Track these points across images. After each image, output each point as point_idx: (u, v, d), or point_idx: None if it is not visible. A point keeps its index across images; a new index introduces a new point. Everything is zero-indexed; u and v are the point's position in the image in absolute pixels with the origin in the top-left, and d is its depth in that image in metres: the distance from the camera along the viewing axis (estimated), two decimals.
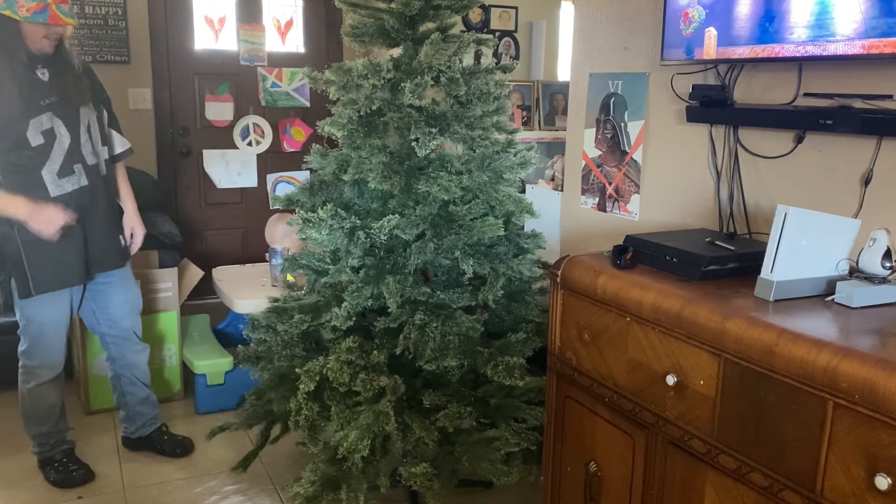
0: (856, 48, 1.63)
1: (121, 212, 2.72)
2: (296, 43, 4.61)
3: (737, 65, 2.04)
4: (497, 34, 4.46)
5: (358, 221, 2.24)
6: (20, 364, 2.62)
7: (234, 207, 4.66)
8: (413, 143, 2.15)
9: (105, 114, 2.64)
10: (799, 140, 1.90)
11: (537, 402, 2.22)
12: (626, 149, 2.48)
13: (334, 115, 2.29)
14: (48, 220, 2.39)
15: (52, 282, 2.49)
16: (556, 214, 2.90)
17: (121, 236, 2.69)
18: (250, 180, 4.53)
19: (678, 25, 2.07)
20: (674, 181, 2.33)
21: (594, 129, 2.61)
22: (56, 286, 2.50)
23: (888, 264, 1.52)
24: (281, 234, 3.46)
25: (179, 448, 2.90)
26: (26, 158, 2.37)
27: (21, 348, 2.60)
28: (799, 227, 1.53)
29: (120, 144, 2.71)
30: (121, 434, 2.95)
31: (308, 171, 2.49)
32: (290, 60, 4.51)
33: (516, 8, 4.52)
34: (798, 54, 1.75)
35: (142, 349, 2.86)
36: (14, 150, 2.35)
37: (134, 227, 2.75)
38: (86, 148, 2.50)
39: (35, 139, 2.37)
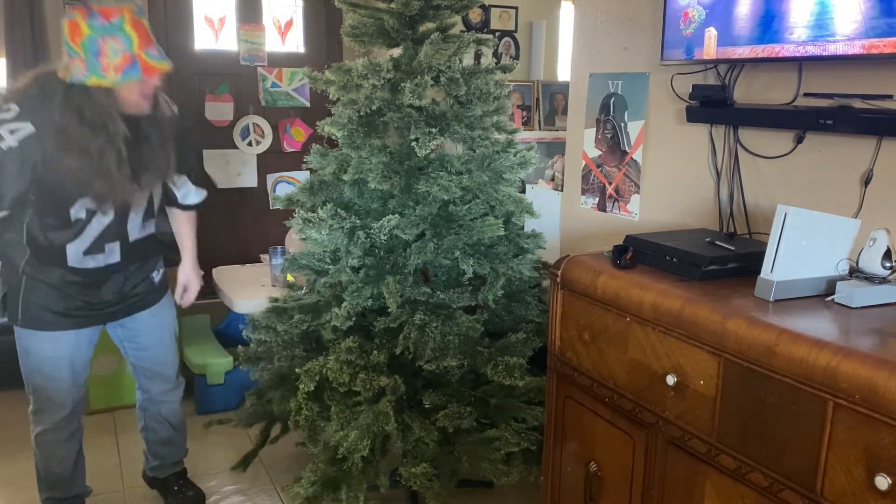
0: (856, 48, 1.63)
1: (161, 258, 2.41)
2: (296, 43, 4.61)
3: (737, 65, 2.03)
4: (497, 34, 4.45)
5: (358, 221, 2.24)
6: (29, 405, 2.30)
7: (234, 207, 4.66)
8: (413, 143, 2.16)
9: (185, 178, 2.34)
10: (799, 140, 1.90)
11: (537, 402, 2.22)
12: (626, 149, 2.48)
13: (334, 115, 2.29)
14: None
15: (48, 324, 2.14)
16: (556, 214, 2.90)
17: (152, 276, 2.34)
18: (250, 180, 4.53)
19: (678, 25, 2.07)
20: (674, 181, 2.33)
21: (594, 129, 2.61)
22: (51, 327, 2.15)
23: (888, 264, 1.52)
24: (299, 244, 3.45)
25: (186, 501, 2.59)
26: (57, 228, 2.07)
27: (29, 389, 2.27)
28: (799, 227, 1.53)
29: (192, 195, 2.39)
30: (143, 465, 2.68)
31: (308, 171, 2.49)
32: (290, 60, 4.51)
33: (516, 8, 4.52)
34: (798, 54, 1.75)
35: (174, 388, 2.49)
36: (50, 216, 2.05)
37: (189, 282, 2.46)
38: (133, 223, 2.19)
39: (76, 213, 2.06)
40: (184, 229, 2.43)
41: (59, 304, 2.14)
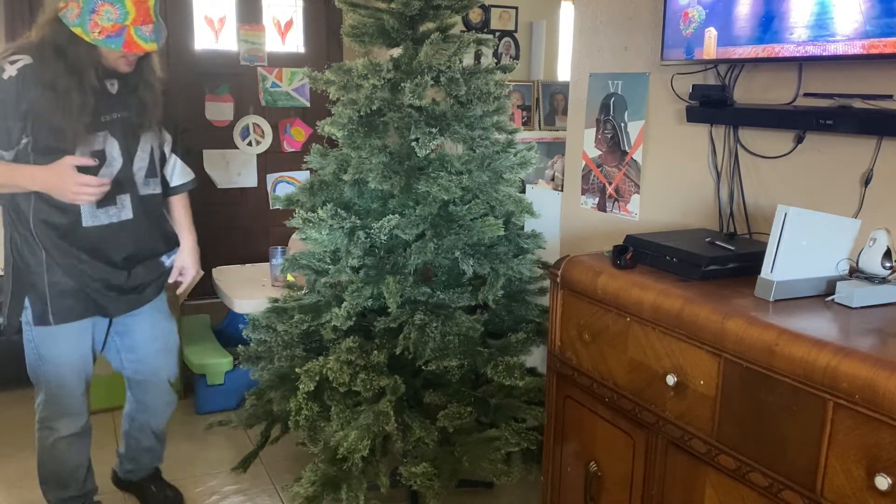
0: (856, 48, 1.63)
1: (172, 240, 2.36)
2: (296, 43, 4.61)
3: (737, 65, 2.04)
4: (497, 34, 4.45)
5: (358, 221, 2.24)
6: (37, 418, 2.26)
7: (234, 207, 4.66)
8: (413, 143, 2.16)
9: (169, 137, 2.32)
10: (799, 140, 1.90)
11: (537, 402, 2.22)
12: (626, 149, 2.48)
13: (334, 115, 2.29)
14: (72, 185, 1.99)
15: (75, 311, 2.14)
16: (556, 214, 2.90)
17: (162, 259, 2.32)
18: (250, 180, 4.53)
19: (678, 25, 2.07)
20: (674, 181, 2.33)
21: (594, 129, 2.61)
22: (77, 315, 2.15)
23: (888, 264, 1.52)
24: (300, 245, 3.46)
25: (166, 502, 2.57)
26: None
27: (37, 399, 2.25)
28: (799, 227, 1.53)
29: (181, 175, 2.36)
30: (112, 466, 2.65)
31: (308, 171, 2.48)
32: (290, 60, 4.51)
33: (516, 8, 4.52)
34: (798, 54, 1.76)
35: (170, 402, 2.45)
36: (50, 162, 2.00)
37: (185, 266, 2.37)
38: (139, 175, 2.16)
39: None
40: (178, 214, 2.39)
41: (80, 286, 2.11)
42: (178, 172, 2.35)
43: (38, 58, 1.96)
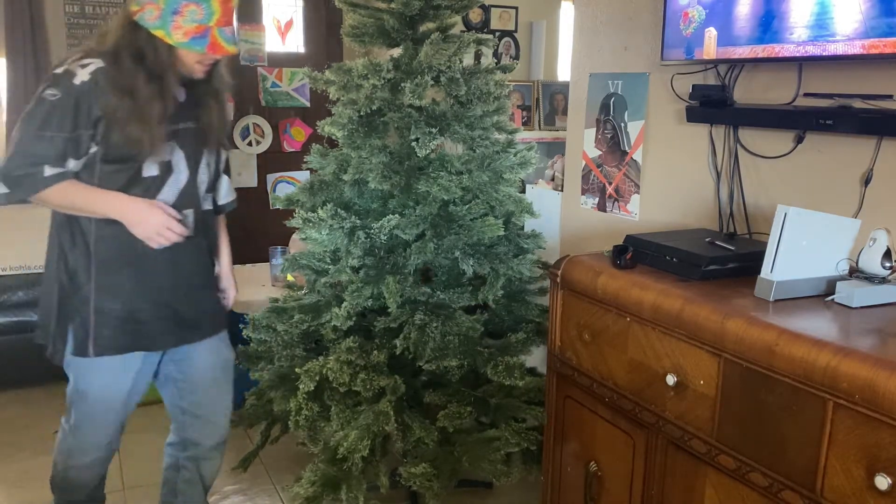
0: (856, 48, 1.63)
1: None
2: (296, 43, 4.61)
3: (737, 65, 2.04)
4: (497, 34, 4.45)
5: (358, 221, 2.24)
6: (59, 437, 2.11)
7: (234, 207, 4.65)
8: (413, 143, 2.16)
9: (227, 153, 2.19)
10: (799, 140, 1.90)
11: (537, 402, 2.22)
12: (626, 149, 2.48)
13: (334, 115, 2.30)
14: (160, 227, 1.89)
15: (121, 346, 1.94)
16: (556, 214, 2.90)
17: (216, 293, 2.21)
18: (250, 180, 4.53)
19: (678, 25, 2.07)
20: (674, 181, 2.33)
21: (594, 129, 2.61)
22: (124, 349, 1.95)
23: (888, 264, 1.52)
24: (300, 245, 3.45)
25: None
26: (128, 187, 1.88)
27: (66, 421, 2.08)
28: (799, 227, 1.53)
29: (228, 193, 2.23)
30: None
31: (308, 171, 2.49)
32: (290, 60, 4.51)
33: (516, 8, 4.52)
34: (798, 54, 1.76)
35: (222, 443, 2.23)
36: (120, 172, 1.87)
37: (227, 287, 2.25)
38: (202, 189, 2.03)
39: (148, 170, 1.89)
40: (222, 232, 2.29)
41: (131, 313, 1.94)
42: (224, 191, 2.22)
43: (114, 63, 1.82)
